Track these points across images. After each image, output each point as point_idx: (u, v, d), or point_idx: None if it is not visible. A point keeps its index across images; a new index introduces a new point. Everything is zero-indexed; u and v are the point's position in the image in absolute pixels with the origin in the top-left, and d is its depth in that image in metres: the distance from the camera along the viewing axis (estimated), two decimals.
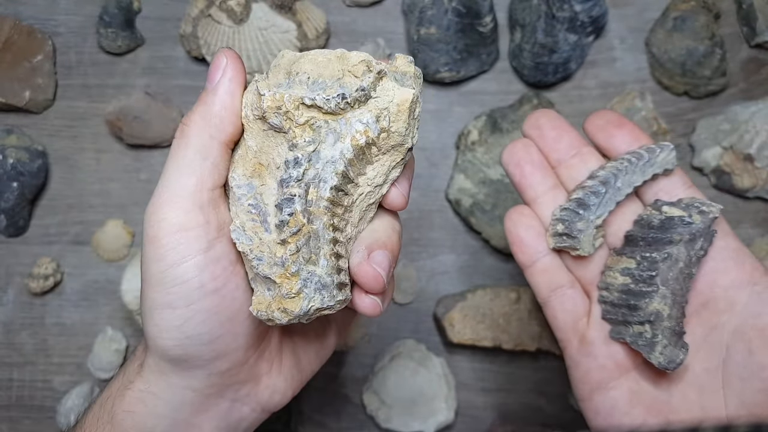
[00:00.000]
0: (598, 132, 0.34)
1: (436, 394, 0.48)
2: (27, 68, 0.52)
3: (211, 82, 0.27)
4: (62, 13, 0.55)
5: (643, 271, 0.31)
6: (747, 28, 0.54)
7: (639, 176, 0.32)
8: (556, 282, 0.34)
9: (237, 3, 0.49)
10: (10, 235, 0.51)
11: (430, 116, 0.54)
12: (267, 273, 0.26)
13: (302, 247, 0.25)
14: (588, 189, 0.32)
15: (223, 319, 0.27)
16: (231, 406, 0.30)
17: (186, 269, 0.25)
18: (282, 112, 0.25)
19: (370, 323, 0.51)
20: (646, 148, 0.32)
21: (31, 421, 0.50)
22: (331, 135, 0.25)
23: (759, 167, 0.49)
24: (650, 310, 0.31)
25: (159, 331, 0.26)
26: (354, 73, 0.25)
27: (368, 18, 0.55)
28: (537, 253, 0.33)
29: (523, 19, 0.51)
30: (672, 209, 0.32)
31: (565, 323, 0.34)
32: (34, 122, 0.53)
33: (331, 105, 0.25)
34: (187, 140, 0.26)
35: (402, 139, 0.26)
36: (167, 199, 0.25)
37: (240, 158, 0.27)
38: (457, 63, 0.51)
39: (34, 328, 0.51)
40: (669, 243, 0.31)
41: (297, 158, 0.25)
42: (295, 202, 0.25)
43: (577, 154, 0.34)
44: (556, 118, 0.34)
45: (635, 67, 0.54)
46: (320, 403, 0.51)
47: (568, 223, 0.32)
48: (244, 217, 0.26)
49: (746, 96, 0.53)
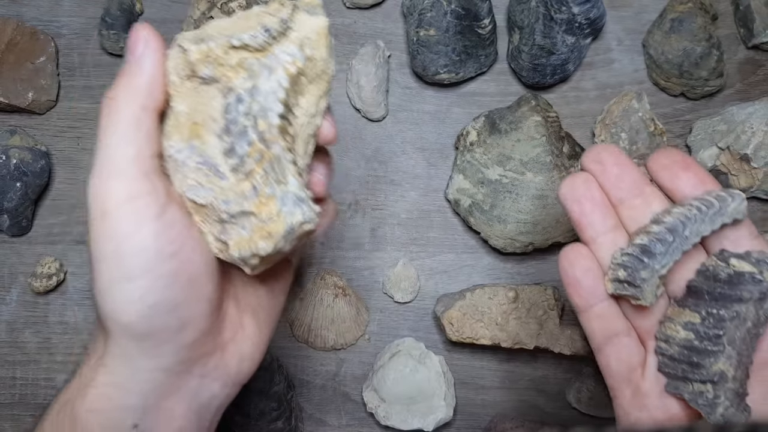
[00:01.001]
0: (661, 171, 0.32)
1: (435, 391, 0.48)
2: (30, 69, 0.52)
3: (133, 54, 0.26)
4: (65, 15, 0.55)
5: (709, 329, 0.29)
6: (744, 29, 0.54)
7: (708, 225, 0.30)
8: (612, 329, 0.32)
9: (238, 5, 0.50)
10: (13, 234, 0.52)
11: (429, 117, 0.54)
12: (241, 208, 0.26)
13: (269, 171, 0.26)
14: (654, 235, 0.30)
15: (183, 282, 0.26)
16: (200, 383, 0.29)
17: (142, 238, 0.25)
18: (212, 59, 0.26)
19: (370, 323, 0.52)
20: (716, 195, 0.30)
21: (35, 419, 0.50)
22: (264, 69, 0.26)
23: (755, 167, 0.49)
24: (714, 370, 0.29)
25: (121, 306, 0.25)
26: (269, 12, 0.27)
27: (368, 20, 0.55)
28: (594, 297, 0.32)
29: (522, 21, 0.52)
30: (741, 263, 0.29)
31: (619, 372, 0.32)
32: (37, 123, 0.54)
33: (259, 40, 0.26)
34: (117, 113, 0.26)
35: (325, 65, 0.28)
36: (110, 172, 0.25)
37: (172, 127, 0.27)
38: (456, 64, 0.51)
39: (37, 327, 0.52)
40: (738, 301, 0.29)
41: (239, 95, 0.26)
42: (249, 132, 0.26)
43: (641, 195, 0.32)
44: (619, 154, 0.32)
45: (632, 68, 0.55)
46: (321, 400, 0.51)
47: (630, 271, 0.30)
48: (194, 174, 0.27)
49: (743, 97, 0.54)
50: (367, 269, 0.52)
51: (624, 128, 0.51)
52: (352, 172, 0.54)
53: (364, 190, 0.53)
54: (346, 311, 0.50)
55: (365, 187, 0.53)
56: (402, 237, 0.53)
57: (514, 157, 0.49)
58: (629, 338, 0.32)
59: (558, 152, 0.49)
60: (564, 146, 0.49)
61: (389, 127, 0.54)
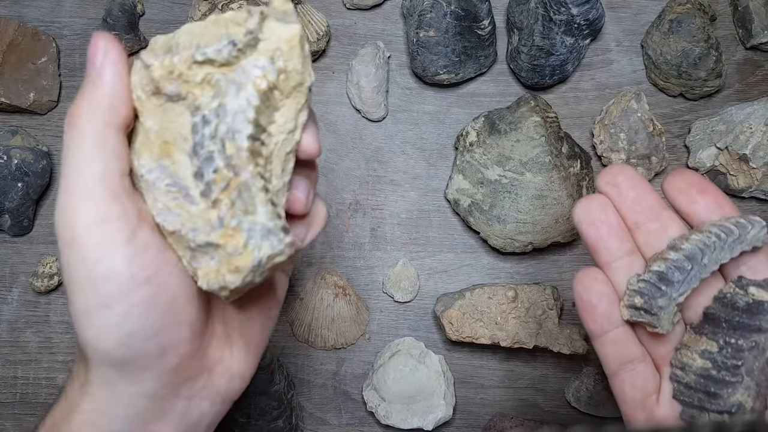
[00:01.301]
0: (678, 195, 0.31)
1: (435, 390, 0.49)
2: (31, 70, 0.53)
3: (92, 65, 0.25)
4: (66, 16, 0.55)
5: (727, 359, 0.29)
6: (742, 30, 0.55)
7: (727, 253, 0.29)
8: (627, 355, 0.31)
9: (239, 5, 0.50)
10: (14, 234, 0.52)
11: (429, 117, 0.55)
12: (207, 239, 0.24)
13: (236, 200, 0.24)
14: (671, 263, 0.29)
15: (161, 308, 0.25)
16: (188, 405, 0.28)
17: (113, 263, 0.24)
18: (175, 75, 0.24)
19: (371, 322, 0.52)
20: (735, 222, 0.29)
21: (35, 418, 0.51)
22: (232, 86, 0.24)
23: (754, 168, 0.49)
24: (732, 401, 0.28)
25: (97, 334, 0.24)
26: (236, 21, 0.24)
27: (368, 21, 0.56)
28: (609, 323, 0.31)
29: (521, 22, 0.52)
30: (761, 292, 0.29)
31: (633, 399, 0.31)
32: (38, 123, 0.54)
33: (224, 54, 0.24)
34: (80, 131, 0.24)
35: (300, 77, 0.25)
36: (77, 193, 0.24)
37: (141, 144, 0.25)
38: (455, 65, 0.52)
39: (38, 326, 0.52)
40: (757, 331, 0.28)
41: (204, 116, 0.24)
42: (216, 158, 0.24)
43: (657, 219, 0.31)
44: (635, 177, 0.31)
45: (631, 69, 0.55)
46: (321, 399, 0.51)
47: (647, 298, 0.30)
48: (164, 198, 0.25)
49: (741, 97, 0.54)
50: (367, 269, 0.53)
51: (623, 128, 0.51)
52: (352, 172, 0.54)
53: (364, 190, 0.54)
54: (346, 311, 0.50)
55: (365, 187, 0.54)
56: (402, 237, 0.53)
57: (514, 157, 0.49)
58: (644, 364, 0.32)
59: (557, 152, 0.49)
60: (563, 147, 0.50)
61: (389, 128, 0.54)
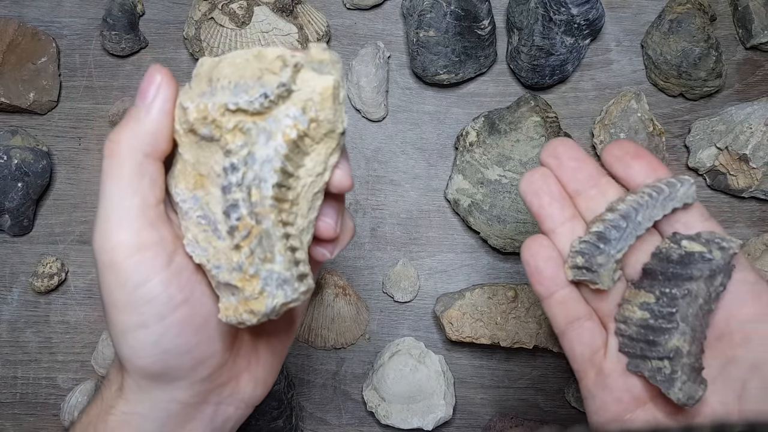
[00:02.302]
0: (615, 162, 0.33)
1: (434, 390, 0.49)
2: (31, 70, 0.53)
3: (143, 99, 0.26)
4: (66, 16, 0.55)
5: (663, 307, 0.30)
6: (742, 30, 0.55)
7: (659, 210, 0.31)
8: (573, 314, 0.33)
9: (239, 6, 0.50)
10: (15, 234, 0.52)
11: (429, 117, 0.55)
12: (227, 279, 0.26)
13: (256, 248, 0.25)
14: (608, 222, 0.31)
15: (196, 326, 0.27)
16: (216, 410, 0.30)
17: (152, 287, 0.25)
18: (209, 121, 0.25)
19: (371, 322, 0.52)
20: (666, 182, 0.32)
21: (36, 418, 0.51)
22: (262, 135, 0.25)
23: (754, 167, 0.49)
24: (670, 346, 0.30)
25: (135, 352, 0.26)
26: (272, 70, 0.25)
27: (368, 21, 0.56)
28: (555, 285, 0.33)
29: (521, 22, 0.52)
30: (692, 244, 0.31)
31: (582, 355, 0.33)
32: (38, 123, 0.54)
33: (256, 106, 0.25)
34: (120, 160, 0.25)
35: (332, 125, 0.26)
36: (116, 222, 0.25)
37: (180, 173, 0.27)
38: (455, 65, 0.52)
39: (38, 326, 0.52)
40: (689, 279, 0.30)
41: (233, 164, 0.25)
42: (240, 206, 0.25)
43: (596, 185, 0.33)
44: (574, 148, 0.33)
45: (631, 69, 0.55)
46: (321, 399, 0.51)
47: (588, 257, 0.32)
48: (195, 229, 0.26)
49: (741, 97, 0.54)
50: (367, 269, 0.53)
51: (623, 128, 0.51)
52: (353, 172, 0.53)
53: (364, 190, 0.54)
54: (346, 311, 0.50)
55: (365, 187, 0.54)
56: (402, 237, 0.53)
57: (514, 157, 0.49)
58: (591, 322, 0.33)
59: None
60: None
61: (389, 128, 0.54)
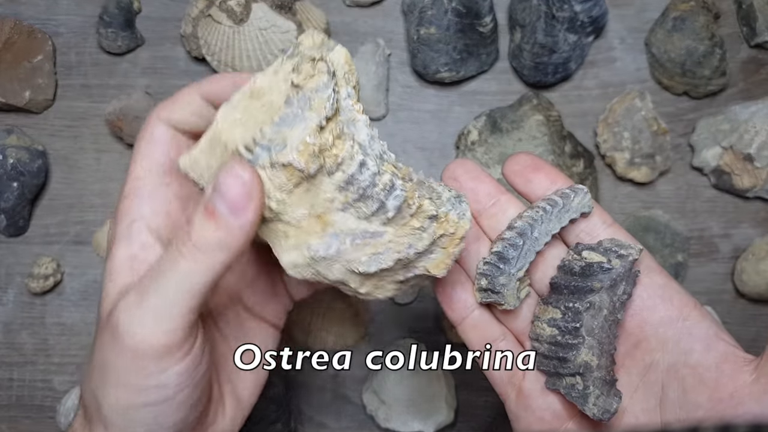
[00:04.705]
0: (515, 177, 0.33)
1: (435, 393, 0.48)
2: (27, 68, 0.52)
3: (234, 209, 0.24)
4: (62, 14, 0.55)
5: (568, 323, 0.30)
6: (747, 28, 0.54)
7: (556, 223, 0.31)
8: (487, 336, 0.33)
9: (237, 3, 0.49)
10: (10, 234, 0.51)
11: (430, 116, 0.54)
12: (425, 246, 0.26)
13: (425, 195, 0.27)
14: (506, 241, 0.31)
15: (193, 402, 0.27)
16: None
17: (167, 377, 0.25)
18: (317, 152, 0.24)
19: (370, 323, 0.51)
20: (561, 193, 0.32)
21: (31, 420, 0.50)
22: (350, 126, 0.26)
23: (759, 167, 0.49)
24: (578, 362, 0.30)
25: (129, 425, 0.26)
26: (304, 75, 0.25)
27: (368, 18, 0.55)
28: (466, 309, 0.33)
29: (523, 20, 0.51)
30: (591, 254, 0.31)
31: (501, 377, 0.33)
32: (34, 122, 0.53)
33: (328, 110, 0.25)
34: (195, 264, 0.24)
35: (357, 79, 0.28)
36: (157, 318, 0.25)
37: (298, 237, 0.26)
38: (456, 63, 0.51)
39: (34, 328, 0.51)
40: (590, 291, 0.30)
41: (361, 161, 0.25)
42: (396, 185, 0.26)
43: (496, 204, 0.33)
44: (473, 169, 0.34)
45: (635, 67, 0.54)
46: (320, 402, 0.51)
47: (490, 278, 0.31)
48: (358, 253, 0.26)
49: (746, 96, 0.54)
50: None
51: (626, 127, 0.51)
52: None
53: None
54: (346, 312, 0.50)
55: None
56: None
57: None
58: (506, 341, 0.33)
59: (560, 152, 0.48)
60: (566, 146, 0.49)
61: (390, 126, 0.54)
